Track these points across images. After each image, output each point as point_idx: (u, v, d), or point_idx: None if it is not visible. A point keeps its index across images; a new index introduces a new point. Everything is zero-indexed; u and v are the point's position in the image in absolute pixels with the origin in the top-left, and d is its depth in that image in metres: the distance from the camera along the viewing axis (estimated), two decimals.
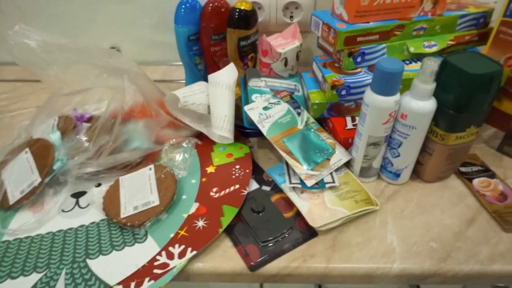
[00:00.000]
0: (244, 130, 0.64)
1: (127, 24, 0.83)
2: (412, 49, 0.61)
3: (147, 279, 0.44)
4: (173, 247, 0.48)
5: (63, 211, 0.54)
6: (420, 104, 0.49)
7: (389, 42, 0.60)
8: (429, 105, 0.49)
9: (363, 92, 0.52)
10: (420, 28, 0.61)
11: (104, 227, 0.51)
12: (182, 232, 0.50)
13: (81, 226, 0.52)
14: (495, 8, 0.64)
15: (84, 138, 0.56)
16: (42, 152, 0.56)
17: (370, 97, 0.50)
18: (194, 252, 0.47)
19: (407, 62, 0.62)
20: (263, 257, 0.48)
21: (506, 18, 0.60)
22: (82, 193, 0.56)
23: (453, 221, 0.53)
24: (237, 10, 0.65)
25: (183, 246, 0.48)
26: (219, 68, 0.65)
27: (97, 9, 0.81)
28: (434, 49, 0.62)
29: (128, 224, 0.50)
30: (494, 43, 0.63)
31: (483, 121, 0.52)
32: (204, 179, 0.57)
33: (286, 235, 0.50)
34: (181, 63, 0.74)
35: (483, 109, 0.50)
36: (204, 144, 0.62)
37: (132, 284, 0.44)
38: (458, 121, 0.50)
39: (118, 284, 0.44)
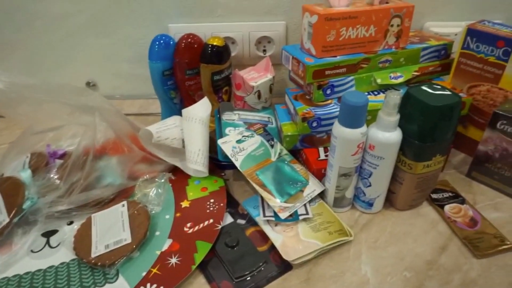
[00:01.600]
0: (220, 163, 0.65)
1: (104, 58, 0.84)
2: (379, 81, 0.63)
3: None
4: (145, 286, 0.47)
5: (32, 251, 0.52)
6: (386, 135, 0.51)
7: (357, 74, 0.63)
8: (395, 135, 0.51)
9: (333, 123, 0.54)
10: (385, 60, 0.64)
11: (74, 268, 0.50)
12: (154, 270, 0.49)
13: (50, 267, 0.50)
14: (454, 40, 0.68)
15: (55, 176, 0.56)
16: (11, 190, 0.55)
17: (338, 130, 0.51)
18: None
19: (375, 93, 0.65)
20: None
21: (464, 50, 0.63)
22: (53, 232, 0.55)
23: (426, 249, 0.53)
24: (210, 46, 0.66)
25: (155, 285, 0.47)
26: (194, 102, 0.66)
27: (74, 44, 0.82)
28: (400, 80, 0.64)
29: (99, 264, 0.49)
30: (456, 73, 0.66)
31: (449, 150, 0.54)
32: (178, 214, 0.56)
33: (261, 270, 0.50)
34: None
35: (447, 138, 0.52)
36: (179, 178, 0.62)
37: None
38: (423, 150, 0.52)
39: None
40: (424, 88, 0.52)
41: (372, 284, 0.49)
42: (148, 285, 0.47)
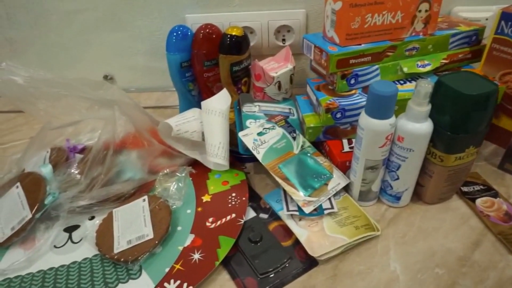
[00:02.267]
0: (240, 156, 0.63)
1: (120, 52, 0.83)
2: (405, 69, 0.61)
3: None
4: (169, 282, 0.46)
5: (55, 247, 0.52)
6: (416, 126, 0.48)
7: (382, 63, 0.60)
8: (425, 127, 0.48)
9: (358, 114, 0.52)
10: (412, 48, 0.61)
11: (97, 263, 0.49)
12: (177, 266, 0.48)
13: (73, 262, 0.50)
14: (486, 26, 0.64)
15: (76, 171, 0.55)
16: (33, 186, 0.55)
17: (365, 121, 0.49)
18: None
19: (402, 82, 0.62)
20: None
21: (498, 35, 0.60)
22: (75, 227, 0.55)
23: (457, 245, 0.51)
24: (228, 36, 0.65)
25: (178, 282, 0.46)
26: (213, 94, 0.65)
27: (89, 39, 0.81)
28: (428, 68, 0.61)
29: (122, 259, 0.48)
30: (488, 60, 0.63)
31: (482, 141, 0.51)
32: (199, 209, 0.55)
33: (286, 266, 0.49)
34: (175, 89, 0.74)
35: (481, 129, 0.49)
36: (199, 171, 0.61)
37: None
38: (456, 142, 0.49)
39: None
40: (456, 76, 0.49)
41: (402, 281, 0.47)
42: (172, 281, 0.46)
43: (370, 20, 0.57)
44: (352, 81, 0.60)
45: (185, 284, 0.45)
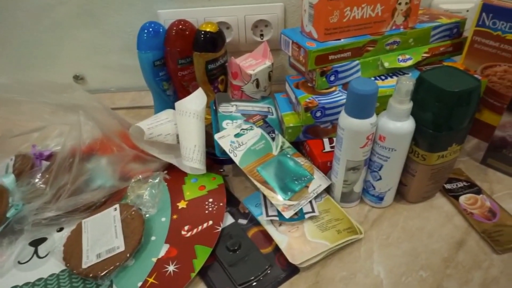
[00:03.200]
0: (218, 158, 0.60)
1: (92, 50, 0.79)
2: (386, 64, 0.59)
3: None
4: None
5: (19, 262, 0.49)
6: (398, 124, 0.46)
7: (363, 58, 0.58)
8: (407, 125, 0.46)
9: (339, 112, 0.49)
10: (393, 42, 0.59)
11: (64, 280, 0.46)
12: (151, 280, 0.45)
13: (39, 279, 0.47)
14: (467, 18, 0.63)
15: (40, 181, 0.52)
16: None
17: (345, 121, 0.47)
18: None
19: (383, 77, 0.60)
20: None
21: (479, 27, 0.58)
22: (42, 240, 0.51)
23: (442, 245, 0.50)
24: (202, 32, 0.61)
25: None
26: (189, 93, 0.62)
27: (59, 36, 0.76)
28: (409, 62, 0.59)
29: (91, 275, 0.45)
30: (470, 53, 0.61)
31: (465, 138, 0.50)
32: (175, 216, 0.53)
33: (266, 274, 0.46)
34: None
35: (464, 126, 0.48)
36: (174, 176, 0.58)
37: None
38: (438, 140, 0.48)
39: None
40: (438, 71, 0.47)
41: (385, 285, 0.45)
42: None
43: (349, 14, 0.55)
44: (332, 78, 0.57)
45: None
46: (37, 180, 0.52)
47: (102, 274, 0.45)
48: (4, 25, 0.74)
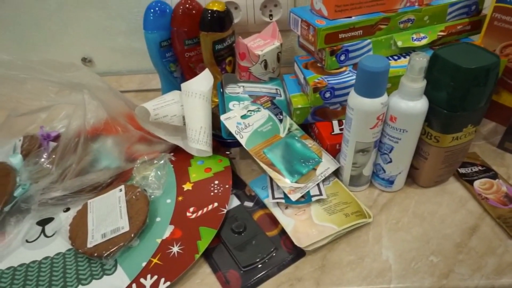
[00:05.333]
0: (225, 140, 0.60)
1: (99, 32, 0.78)
2: (400, 43, 0.56)
3: None
4: (145, 278, 0.43)
5: (27, 241, 0.49)
6: (410, 104, 0.44)
7: (374, 37, 0.56)
8: (420, 105, 0.44)
9: (349, 93, 0.48)
10: (407, 20, 0.56)
11: (70, 259, 0.46)
12: (155, 260, 0.45)
13: (46, 258, 0.47)
14: None
15: (47, 161, 0.52)
16: (2, 178, 0.51)
17: (355, 100, 0.45)
18: (168, 283, 0.42)
19: (395, 57, 0.57)
20: (245, 284, 0.43)
21: (499, 3, 0.55)
22: (49, 220, 0.52)
23: (454, 231, 0.48)
24: (209, 11, 0.60)
25: (155, 277, 0.43)
26: (196, 75, 0.60)
27: (65, 17, 0.76)
28: (424, 41, 0.57)
29: (95, 254, 0.45)
30: (489, 32, 0.58)
31: (481, 119, 0.48)
32: (180, 198, 0.52)
33: (271, 257, 0.46)
34: None
35: (481, 106, 0.45)
36: (181, 158, 0.58)
37: None
38: (453, 121, 0.46)
39: None
40: (454, 48, 0.45)
41: (394, 271, 0.44)
42: (149, 276, 0.43)
43: None
44: (342, 58, 0.55)
45: (162, 280, 0.43)
46: (43, 159, 0.52)
47: (107, 253, 0.44)
48: (11, 5, 0.74)
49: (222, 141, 0.60)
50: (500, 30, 0.57)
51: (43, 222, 0.51)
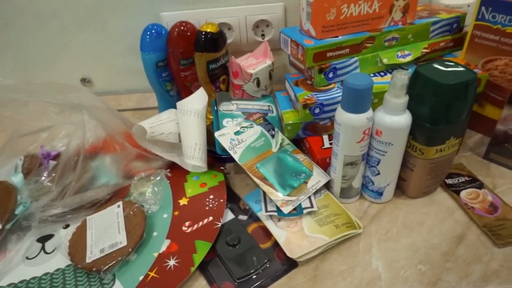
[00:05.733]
0: (219, 156, 0.61)
1: (98, 53, 0.81)
2: (385, 60, 0.59)
3: None
4: None
5: (27, 258, 0.51)
6: (394, 119, 0.47)
7: (361, 55, 0.58)
8: (404, 119, 0.47)
9: None
10: (391, 38, 0.59)
11: (69, 274, 0.48)
12: (152, 274, 0.46)
13: (45, 274, 0.48)
14: (467, 12, 0.62)
15: (47, 179, 0.53)
16: (3, 196, 0.53)
17: (342, 116, 0.47)
18: None
19: (382, 74, 0.60)
20: None
21: (479, 21, 0.58)
22: (49, 237, 0.53)
23: (442, 240, 0.50)
24: (203, 33, 0.63)
25: None
26: (191, 93, 0.63)
27: (66, 40, 0.78)
28: (409, 58, 0.59)
29: (94, 269, 0.46)
30: (470, 48, 0.61)
31: (464, 131, 0.50)
32: (176, 213, 0.54)
33: (264, 268, 0.47)
34: None
35: (462, 119, 0.48)
36: (177, 174, 0.59)
37: None
38: (436, 134, 0.48)
39: None
40: (434, 65, 0.48)
41: (384, 279, 0.46)
42: None
43: (346, 11, 0.55)
44: (331, 75, 0.58)
45: None
46: (43, 178, 0.54)
47: (105, 268, 0.46)
48: (14, 28, 0.77)
49: (216, 157, 0.62)
50: (481, 46, 0.59)
51: (43, 239, 0.53)
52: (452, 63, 0.48)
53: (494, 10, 0.56)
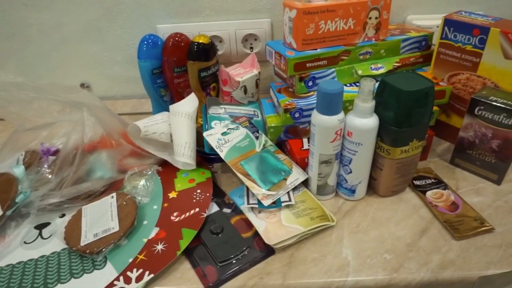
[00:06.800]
0: (208, 156, 0.66)
1: (98, 62, 0.86)
2: (360, 72, 0.65)
3: None
4: (131, 271, 0.49)
5: (25, 243, 0.54)
6: (363, 121, 0.52)
7: (338, 66, 0.65)
8: (371, 121, 0.52)
9: None
10: (365, 52, 0.65)
11: (64, 256, 0.52)
12: (141, 257, 0.50)
13: (42, 256, 0.52)
14: (434, 32, 0.69)
15: (47, 170, 0.58)
16: (5, 186, 0.57)
17: (316, 117, 0.53)
18: (152, 276, 0.48)
19: (357, 84, 0.66)
20: (220, 277, 0.49)
21: (443, 40, 0.65)
22: (46, 224, 0.57)
23: (406, 233, 0.55)
24: (196, 43, 0.69)
25: (141, 270, 0.48)
26: (183, 99, 0.68)
27: (66, 51, 0.84)
28: (381, 71, 0.66)
29: (87, 251, 0.50)
30: (437, 63, 0.68)
31: (425, 135, 0.56)
32: (165, 205, 0.58)
33: (244, 254, 0.51)
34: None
35: (423, 122, 0.53)
36: (167, 171, 0.64)
37: None
38: (400, 135, 0.53)
39: None
40: (398, 75, 0.54)
41: (352, 266, 0.50)
42: (135, 270, 0.49)
43: (324, 27, 0.62)
44: (310, 83, 0.64)
45: (146, 272, 0.48)
46: (43, 169, 0.58)
47: (98, 250, 0.50)
48: (17, 39, 0.82)
49: (205, 157, 0.67)
50: (446, 62, 0.66)
51: (40, 226, 0.57)
52: (414, 74, 0.54)
53: (455, 30, 0.63)
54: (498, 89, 0.60)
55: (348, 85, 0.66)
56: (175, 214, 0.56)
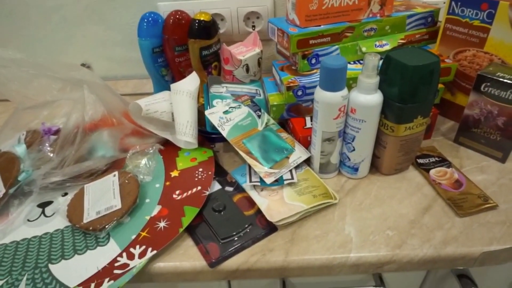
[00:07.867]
0: (210, 136, 0.66)
1: (98, 43, 0.85)
2: (364, 49, 0.64)
3: (106, 279, 0.45)
4: (134, 248, 0.49)
5: (28, 220, 0.55)
6: (367, 97, 0.51)
7: (342, 43, 0.63)
8: (376, 98, 0.52)
9: None
10: (370, 29, 0.64)
11: (68, 233, 0.52)
12: (143, 234, 0.51)
13: (46, 233, 0.52)
14: (441, 7, 0.68)
15: (48, 149, 0.58)
16: (7, 164, 0.57)
17: (319, 94, 0.52)
18: (154, 252, 0.48)
19: (361, 61, 0.65)
20: (223, 254, 0.49)
21: (450, 15, 0.63)
22: (48, 203, 0.57)
23: (409, 210, 0.54)
24: (197, 21, 0.67)
25: (143, 247, 0.49)
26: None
27: (68, 31, 0.83)
28: (386, 48, 0.64)
29: (90, 228, 0.51)
30: (443, 40, 0.66)
31: (430, 112, 0.55)
32: (168, 183, 0.58)
33: (246, 232, 0.51)
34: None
35: (428, 99, 0.53)
36: (169, 150, 0.64)
37: (92, 285, 0.45)
38: (404, 112, 0.53)
39: (78, 286, 0.45)
40: (403, 50, 0.53)
41: (354, 242, 0.50)
42: (137, 246, 0.49)
43: (328, 2, 0.60)
44: (313, 61, 0.63)
45: (149, 249, 0.48)
46: (45, 148, 0.58)
47: (101, 227, 0.50)
48: (16, 21, 0.81)
49: (207, 136, 0.67)
50: (452, 38, 0.65)
51: (43, 205, 0.57)
52: (420, 50, 0.53)
53: (463, 5, 0.61)
54: (505, 66, 0.59)
55: (352, 62, 0.65)
56: (177, 192, 0.56)
